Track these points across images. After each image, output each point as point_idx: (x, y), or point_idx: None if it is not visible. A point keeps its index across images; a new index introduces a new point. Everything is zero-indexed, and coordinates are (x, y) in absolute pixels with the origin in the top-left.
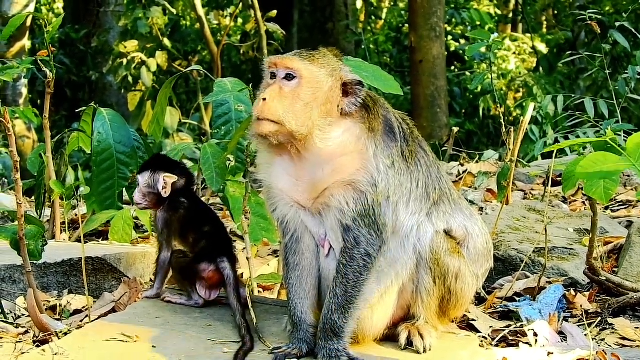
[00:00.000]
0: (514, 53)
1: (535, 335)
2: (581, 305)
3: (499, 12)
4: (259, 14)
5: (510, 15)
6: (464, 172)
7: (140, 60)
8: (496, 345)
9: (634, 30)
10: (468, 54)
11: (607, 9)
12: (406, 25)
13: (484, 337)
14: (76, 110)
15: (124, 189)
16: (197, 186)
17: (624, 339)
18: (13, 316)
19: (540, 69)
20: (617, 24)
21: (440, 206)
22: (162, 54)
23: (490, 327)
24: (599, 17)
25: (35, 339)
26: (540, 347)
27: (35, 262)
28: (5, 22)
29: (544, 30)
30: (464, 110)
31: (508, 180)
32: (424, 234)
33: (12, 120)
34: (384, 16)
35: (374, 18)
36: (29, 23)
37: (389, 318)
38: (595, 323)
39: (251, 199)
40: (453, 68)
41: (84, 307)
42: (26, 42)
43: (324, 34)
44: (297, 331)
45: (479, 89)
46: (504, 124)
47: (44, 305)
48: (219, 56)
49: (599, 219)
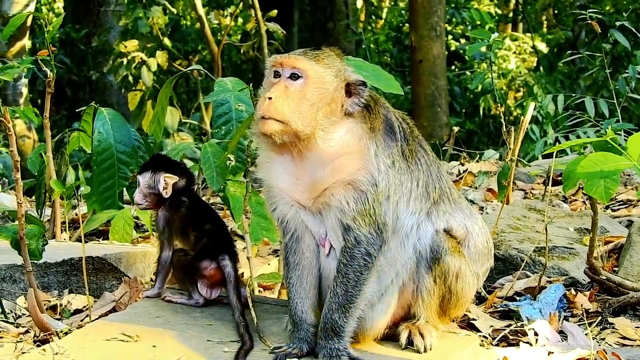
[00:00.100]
0: (515, 52)
1: (536, 334)
2: (582, 305)
3: (499, 12)
4: (259, 14)
5: (511, 14)
6: (464, 172)
7: (140, 60)
8: (497, 345)
9: (634, 30)
10: (468, 53)
11: (608, 8)
12: (406, 24)
13: (484, 337)
14: (76, 110)
15: (125, 189)
16: (198, 186)
17: (624, 338)
18: (13, 316)
19: (541, 68)
20: (618, 24)
21: (440, 205)
22: (163, 54)
23: (491, 327)
24: (600, 17)
25: (35, 338)
26: (540, 347)
27: (35, 262)
28: (6, 22)
29: (545, 29)
30: (464, 110)
31: (508, 180)
32: (424, 233)
33: (13, 119)
34: (384, 16)
35: (374, 17)
36: (29, 23)
37: (389, 317)
38: (596, 322)
39: (252, 198)
40: (453, 67)
41: (84, 307)
42: (26, 42)
43: (325, 33)
44: (298, 330)
45: (479, 89)
46: (504, 123)
47: (45, 304)
48: (219, 56)
49: (599, 219)
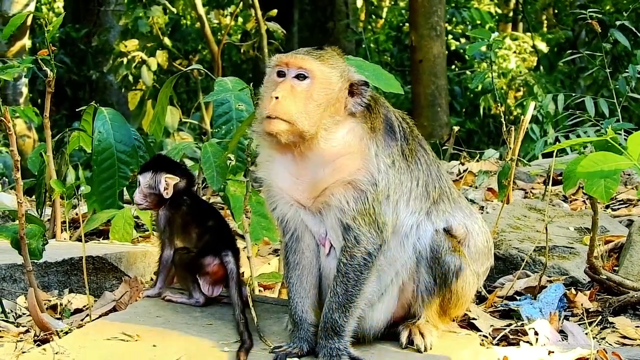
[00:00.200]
0: (515, 52)
1: (536, 334)
2: (582, 304)
3: (500, 11)
4: (260, 13)
5: (511, 14)
6: (464, 171)
7: (140, 60)
8: (497, 344)
9: (634, 29)
10: (468, 53)
11: (608, 7)
12: (406, 24)
13: (484, 336)
14: (77, 110)
15: (125, 188)
16: (198, 185)
17: (624, 337)
18: (14, 315)
19: (541, 67)
20: (618, 23)
21: (440, 205)
22: (163, 53)
23: (491, 326)
24: (600, 16)
25: (36, 338)
26: (541, 346)
27: (35, 261)
28: (6, 21)
29: (545, 29)
30: (464, 109)
31: (509, 179)
32: (424, 232)
33: (13, 119)
34: (384, 15)
35: (374, 17)
36: (29, 22)
37: (389, 317)
38: (596, 322)
39: (252, 198)
40: (453, 67)
41: (84, 306)
42: (26, 41)
43: (325, 33)
44: (298, 330)
45: (480, 88)
46: (504, 122)
47: (45, 304)
48: (219, 55)
49: (599, 218)
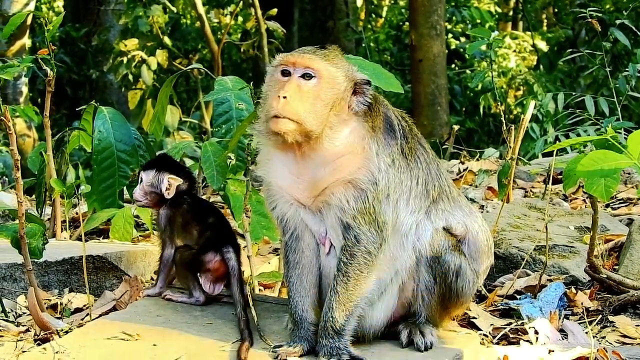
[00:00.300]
0: (515, 51)
1: (536, 333)
2: (582, 303)
3: (499, 10)
4: (259, 12)
5: (511, 13)
6: (464, 170)
7: (140, 59)
8: (497, 343)
9: (634, 28)
10: (469, 52)
11: (608, 6)
12: (406, 23)
13: (484, 335)
14: (77, 109)
15: (125, 188)
16: (198, 185)
17: (624, 336)
18: (14, 315)
19: (541, 66)
20: (618, 22)
21: (439, 204)
22: (163, 52)
23: (491, 325)
24: (600, 15)
25: (36, 337)
26: (541, 345)
27: (36, 261)
28: (6, 21)
29: (545, 28)
30: (464, 108)
31: (509, 178)
32: (424, 231)
33: (13, 118)
34: (384, 14)
35: (374, 16)
36: (29, 21)
37: (389, 316)
38: (596, 321)
39: (252, 197)
40: (453, 66)
41: (84, 306)
42: (26, 41)
43: (325, 32)
44: (298, 329)
45: (480, 87)
46: (504, 121)
47: (45, 303)
48: (219, 54)
49: (599, 217)
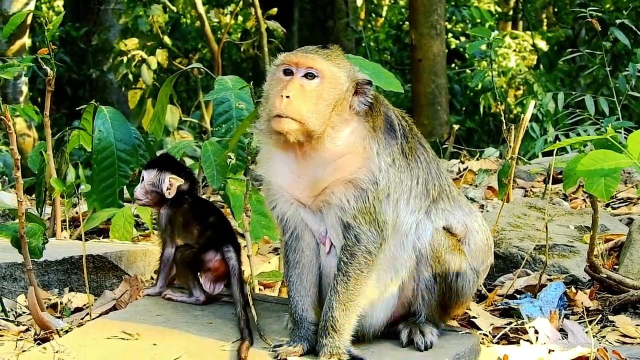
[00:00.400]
0: (515, 50)
1: (536, 332)
2: (582, 303)
3: (499, 10)
4: (259, 12)
5: (511, 12)
6: (464, 170)
7: (140, 58)
8: (497, 343)
9: (634, 28)
10: (469, 51)
11: (608, 6)
12: (406, 22)
13: (485, 335)
14: (77, 108)
15: (125, 187)
16: (198, 185)
17: (624, 336)
18: (14, 314)
19: (541, 66)
20: (618, 22)
21: (439, 203)
22: (163, 52)
23: (491, 325)
24: (600, 15)
25: (36, 336)
26: (541, 345)
27: (36, 260)
28: (6, 20)
29: (545, 27)
30: (464, 108)
31: (509, 178)
32: (424, 231)
33: (13, 118)
34: (384, 14)
35: (374, 16)
36: (29, 21)
37: (389, 315)
38: (596, 320)
39: (252, 196)
40: (453, 65)
41: (84, 305)
42: (26, 40)
43: (325, 31)
44: (298, 329)
45: (480, 87)
46: (504, 121)
47: (45, 303)
48: (219, 54)
49: (599, 217)
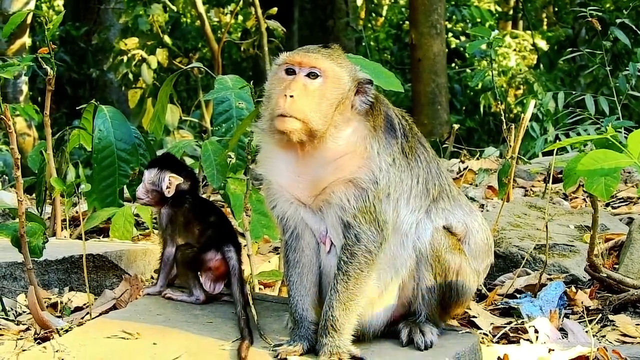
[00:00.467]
0: (515, 50)
1: (536, 332)
2: (582, 302)
3: (500, 9)
4: (260, 11)
5: (511, 12)
6: (464, 169)
7: (140, 58)
8: (497, 342)
9: (634, 27)
10: (469, 51)
11: (608, 5)
12: (407, 22)
13: (484, 334)
14: (77, 108)
15: (125, 186)
16: (199, 184)
17: (624, 335)
18: (14, 313)
19: (541, 66)
20: (618, 21)
21: (439, 203)
22: (163, 51)
23: (491, 324)
24: (600, 14)
25: (36, 336)
26: (541, 344)
27: (36, 260)
28: (6, 20)
29: (545, 27)
30: (464, 107)
31: (509, 177)
32: (424, 230)
33: (13, 117)
34: (384, 13)
35: (374, 15)
36: (29, 20)
37: (389, 315)
38: (596, 320)
39: (252, 196)
40: (453, 65)
41: (84, 304)
42: (26, 40)
43: (325, 31)
44: (298, 328)
45: (480, 86)
46: (504, 120)
47: (45, 302)
48: (219, 53)
49: (599, 216)
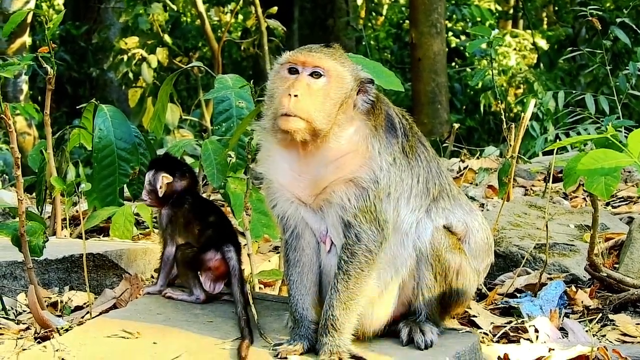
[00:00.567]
0: (515, 49)
1: (536, 331)
2: (582, 302)
3: (500, 8)
4: (260, 11)
5: (511, 11)
6: (464, 169)
7: (140, 57)
8: (497, 342)
9: (634, 27)
10: (469, 50)
11: (608, 5)
12: (407, 21)
13: (485, 333)
14: (77, 107)
15: (125, 185)
16: (199, 184)
17: (625, 335)
18: (14, 313)
19: (541, 65)
20: (618, 20)
21: (440, 202)
22: (163, 51)
23: (491, 323)
24: (600, 13)
25: (36, 335)
26: (541, 343)
27: (36, 259)
28: (6, 19)
29: (545, 26)
30: (464, 107)
31: (509, 177)
32: (424, 230)
33: (13, 116)
34: (384, 12)
35: (374, 14)
36: (29, 20)
37: (389, 314)
38: (596, 319)
39: (252, 195)
40: (454, 64)
41: (85, 304)
42: (27, 39)
43: (325, 30)
44: (298, 327)
45: (480, 85)
46: (504, 120)
47: (45, 301)
48: (219, 52)
49: (599, 215)
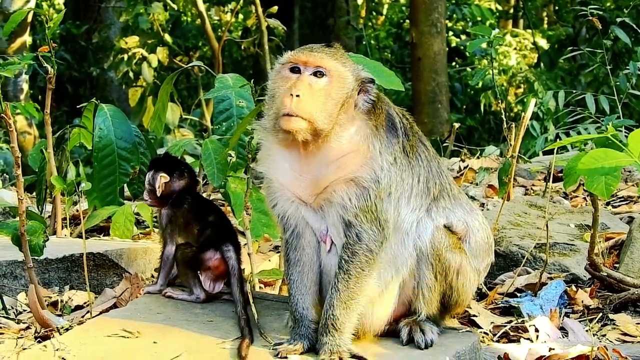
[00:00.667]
0: (515, 49)
1: (537, 331)
2: (582, 301)
3: (500, 8)
4: (260, 10)
5: (511, 10)
6: (465, 168)
7: (141, 56)
8: (497, 341)
9: (635, 26)
10: (469, 49)
11: (608, 4)
12: (407, 21)
13: (485, 333)
14: (77, 106)
15: (125, 185)
16: (199, 183)
17: (625, 334)
18: (14, 312)
19: (541, 64)
20: (618, 20)
21: (440, 201)
22: (163, 50)
23: (492, 323)
24: (600, 13)
25: (36, 334)
26: (541, 343)
27: (36, 258)
28: (7, 18)
29: (545, 26)
30: (464, 106)
31: (509, 176)
32: (424, 229)
33: (13, 115)
34: (384, 12)
35: (374, 14)
36: (29, 19)
37: (390, 314)
38: (597, 319)
39: (252, 194)
40: (454, 64)
41: (85, 303)
42: (27, 38)
43: (325, 29)
44: (299, 327)
45: (480, 85)
46: (505, 119)
47: (45, 301)
48: (219, 52)
49: (600, 215)
